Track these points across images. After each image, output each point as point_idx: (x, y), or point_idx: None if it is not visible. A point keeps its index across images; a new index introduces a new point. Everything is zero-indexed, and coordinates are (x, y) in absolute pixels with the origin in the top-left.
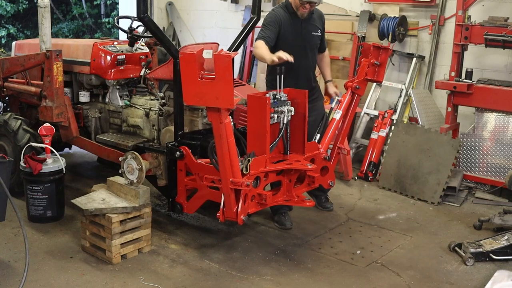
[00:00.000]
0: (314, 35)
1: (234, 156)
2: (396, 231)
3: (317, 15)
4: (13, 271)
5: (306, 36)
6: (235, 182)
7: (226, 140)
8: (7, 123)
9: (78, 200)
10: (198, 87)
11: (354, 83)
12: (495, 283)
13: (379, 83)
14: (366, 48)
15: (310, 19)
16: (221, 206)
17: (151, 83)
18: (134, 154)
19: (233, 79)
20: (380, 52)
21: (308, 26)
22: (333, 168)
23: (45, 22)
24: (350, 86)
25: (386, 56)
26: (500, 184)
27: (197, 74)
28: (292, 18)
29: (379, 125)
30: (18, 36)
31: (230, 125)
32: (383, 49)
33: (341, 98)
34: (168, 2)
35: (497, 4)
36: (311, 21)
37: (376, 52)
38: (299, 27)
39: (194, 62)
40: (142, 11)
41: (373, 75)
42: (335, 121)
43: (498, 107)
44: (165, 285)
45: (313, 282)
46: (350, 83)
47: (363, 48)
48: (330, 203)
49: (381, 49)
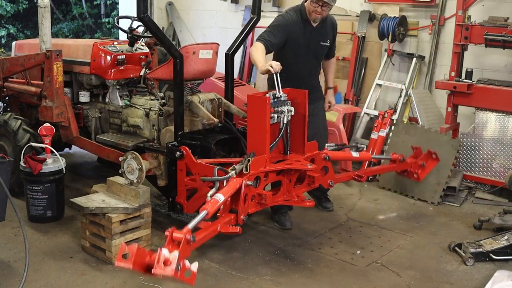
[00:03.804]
0: (322, 45)
1: None
2: (396, 231)
3: (329, 23)
4: (13, 271)
5: (313, 45)
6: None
7: None
8: (7, 123)
9: (77, 199)
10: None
11: (401, 156)
12: (495, 283)
13: (417, 181)
14: (419, 152)
15: (321, 28)
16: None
17: (151, 83)
18: (134, 154)
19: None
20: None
21: (317, 35)
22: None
23: (45, 22)
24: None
25: (433, 165)
26: (500, 184)
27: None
28: (303, 24)
29: (379, 125)
30: (18, 36)
31: None
32: (435, 160)
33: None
34: (168, 2)
35: (497, 4)
36: (322, 30)
37: (428, 157)
38: (308, 35)
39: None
40: (142, 11)
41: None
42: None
43: (498, 107)
44: (165, 285)
45: (313, 282)
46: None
47: (416, 151)
48: (330, 203)
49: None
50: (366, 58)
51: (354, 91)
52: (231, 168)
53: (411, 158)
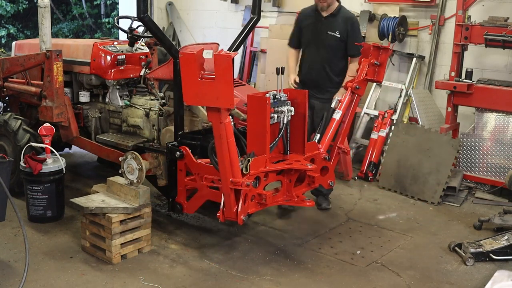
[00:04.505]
0: (329, 34)
1: (234, 156)
2: (396, 231)
3: (342, 16)
4: (13, 271)
5: (321, 34)
6: (235, 182)
7: (226, 140)
8: (7, 123)
9: (77, 200)
10: (198, 87)
11: (354, 83)
12: (495, 283)
13: (379, 83)
14: (366, 48)
15: (332, 20)
16: (221, 206)
17: (151, 83)
18: (134, 154)
19: (233, 79)
20: (380, 52)
21: (326, 25)
22: (333, 168)
23: (45, 22)
24: (350, 86)
25: (386, 56)
26: (500, 184)
27: (197, 74)
28: (316, 16)
29: (379, 125)
30: (18, 36)
31: (230, 125)
32: (383, 49)
33: (341, 98)
34: (168, 2)
35: (497, 4)
36: (331, 20)
37: (376, 52)
38: (317, 23)
39: (194, 62)
40: (142, 11)
41: (373, 75)
42: (335, 121)
43: (498, 107)
44: (165, 285)
45: (313, 282)
46: (350, 83)
47: (363, 48)
48: (327, 202)
49: (381, 49)
50: None
51: None
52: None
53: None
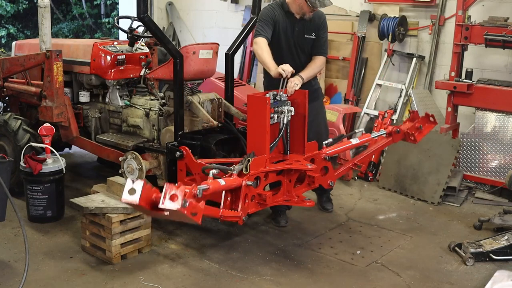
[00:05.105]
0: (306, 38)
1: None
2: (396, 231)
3: (316, 16)
4: (13, 271)
5: (297, 37)
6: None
7: None
8: (7, 123)
9: (77, 200)
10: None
11: (395, 128)
12: (495, 283)
13: (414, 143)
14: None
15: (306, 21)
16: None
17: (151, 83)
18: (134, 154)
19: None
20: (429, 121)
21: (302, 28)
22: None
23: (45, 22)
24: (391, 131)
25: (430, 127)
26: (500, 184)
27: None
28: (287, 17)
29: (379, 125)
30: (18, 36)
31: None
32: (432, 122)
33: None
34: (168, 2)
35: (497, 4)
36: (306, 22)
37: (426, 120)
38: (292, 27)
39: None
40: (142, 11)
41: (413, 132)
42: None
43: (498, 107)
44: (165, 285)
45: (313, 282)
46: (392, 127)
47: (413, 115)
48: (330, 204)
49: (431, 121)
50: (366, 58)
51: (354, 91)
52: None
53: (407, 122)
